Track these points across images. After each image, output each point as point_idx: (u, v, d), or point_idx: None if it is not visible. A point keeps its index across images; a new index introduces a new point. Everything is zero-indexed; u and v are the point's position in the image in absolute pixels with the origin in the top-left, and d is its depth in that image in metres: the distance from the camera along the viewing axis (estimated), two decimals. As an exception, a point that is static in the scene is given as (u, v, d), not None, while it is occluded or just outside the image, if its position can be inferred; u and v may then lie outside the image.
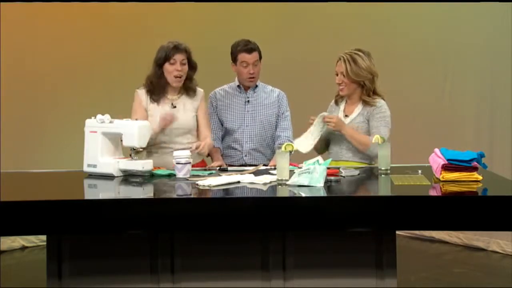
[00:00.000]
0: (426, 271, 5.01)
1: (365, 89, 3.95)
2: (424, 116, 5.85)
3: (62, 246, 3.23)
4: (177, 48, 3.90)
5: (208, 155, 4.30)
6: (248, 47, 4.30)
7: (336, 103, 4.11)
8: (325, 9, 6.01)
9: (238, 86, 4.39)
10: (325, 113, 3.91)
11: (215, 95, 4.42)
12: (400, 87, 5.89)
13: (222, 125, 4.38)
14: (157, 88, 3.97)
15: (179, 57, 3.90)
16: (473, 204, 2.94)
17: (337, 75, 3.96)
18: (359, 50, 3.96)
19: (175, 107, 3.98)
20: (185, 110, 4.00)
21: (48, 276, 3.24)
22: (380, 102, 3.95)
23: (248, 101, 4.36)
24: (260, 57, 4.33)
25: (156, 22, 6.08)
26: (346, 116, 4.00)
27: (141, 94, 4.02)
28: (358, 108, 3.96)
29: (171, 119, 3.88)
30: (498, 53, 5.45)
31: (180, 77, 3.93)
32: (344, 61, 3.91)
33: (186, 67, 3.94)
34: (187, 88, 4.01)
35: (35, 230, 3.29)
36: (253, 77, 4.31)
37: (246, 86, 4.37)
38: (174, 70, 3.91)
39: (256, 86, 4.39)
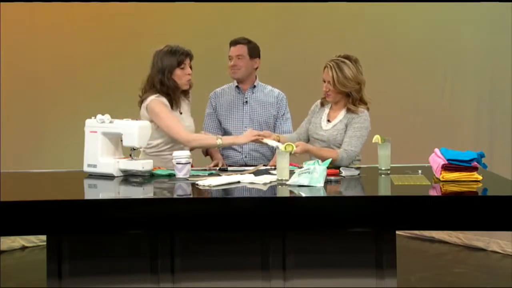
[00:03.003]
0: (426, 271, 5.01)
1: (351, 98, 3.87)
2: (424, 116, 5.85)
3: (62, 246, 3.23)
4: (187, 54, 3.90)
5: (207, 154, 4.29)
6: (233, 40, 4.33)
7: (322, 104, 4.06)
8: (325, 9, 6.00)
9: (237, 86, 4.38)
10: (279, 145, 3.60)
11: (215, 95, 4.42)
12: (400, 87, 5.90)
13: (221, 124, 4.38)
14: (175, 92, 3.91)
15: (188, 62, 3.91)
16: (473, 204, 2.94)
17: (324, 81, 3.89)
18: (346, 58, 3.85)
19: (181, 113, 3.98)
20: (187, 113, 4.02)
21: (48, 276, 3.24)
22: (363, 113, 3.87)
23: (247, 101, 4.35)
24: (251, 54, 4.30)
25: (156, 22, 6.08)
26: (329, 121, 3.94)
27: (165, 101, 3.88)
28: (341, 115, 3.90)
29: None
30: (498, 53, 5.45)
31: (190, 80, 3.94)
32: (331, 69, 3.82)
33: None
34: (186, 92, 4.01)
35: (35, 230, 3.30)
36: (235, 70, 4.29)
37: (234, 79, 4.34)
38: (185, 74, 3.90)
39: (254, 86, 4.38)
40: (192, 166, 3.99)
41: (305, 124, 4.08)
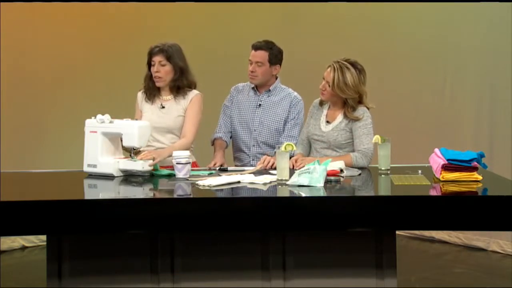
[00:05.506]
0: (426, 271, 5.01)
1: (347, 105, 3.83)
2: (424, 116, 5.85)
3: (62, 246, 3.23)
4: (153, 50, 3.98)
5: (213, 143, 4.31)
6: (255, 43, 4.25)
7: (321, 104, 4.01)
8: (325, 9, 6.00)
9: (253, 88, 4.33)
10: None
11: (236, 90, 4.39)
12: (400, 87, 5.89)
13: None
14: (149, 89, 4.05)
15: (156, 59, 3.96)
16: (473, 204, 2.94)
17: (323, 79, 3.84)
18: (352, 64, 3.79)
19: (163, 107, 4.01)
20: (171, 110, 4.02)
21: (48, 276, 3.24)
22: (361, 110, 3.84)
23: (260, 105, 4.29)
24: (272, 60, 4.21)
25: (156, 22, 6.08)
26: (328, 122, 3.91)
27: (139, 95, 4.13)
28: (340, 116, 3.87)
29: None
30: (498, 53, 5.45)
31: (159, 78, 3.97)
32: (334, 70, 3.77)
33: (165, 68, 3.96)
34: (172, 88, 4.02)
35: (35, 230, 3.30)
36: (253, 76, 4.25)
37: (255, 84, 4.30)
38: (153, 72, 3.98)
39: (269, 90, 4.30)
40: (196, 165, 4.01)
41: (305, 129, 4.06)
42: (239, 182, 3.36)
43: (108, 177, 3.56)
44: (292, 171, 3.41)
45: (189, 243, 3.24)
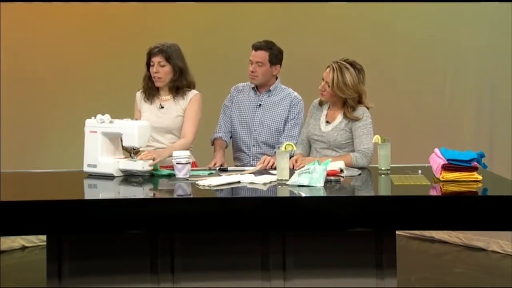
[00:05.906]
0: (426, 271, 5.01)
1: (347, 105, 3.83)
2: (424, 116, 5.85)
3: (62, 246, 3.23)
4: (152, 51, 3.99)
5: (213, 143, 4.31)
6: (255, 44, 4.25)
7: (320, 104, 4.01)
8: (325, 9, 6.00)
9: (253, 88, 4.33)
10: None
11: (236, 90, 4.39)
12: (400, 87, 5.90)
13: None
14: (148, 89, 4.06)
15: (156, 60, 3.96)
16: (473, 204, 2.94)
17: (322, 80, 3.84)
18: (351, 64, 3.79)
19: (162, 107, 4.02)
20: (170, 110, 4.02)
21: (48, 276, 3.24)
22: (361, 110, 3.84)
23: (260, 105, 4.29)
24: (272, 60, 4.21)
25: (156, 22, 6.08)
26: (328, 122, 3.91)
27: (138, 95, 4.14)
28: (340, 116, 3.87)
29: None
30: (498, 53, 5.45)
31: (159, 78, 3.98)
32: (333, 70, 3.77)
33: (165, 69, 3.97)
34: (171, 88, 4.02)
35: (35, 230, 3.30)
36: (253, 76, 4.26)
37: (255, 85, 4.30)
38: (152, 72, 3.99)
39: (269, 90, 4.30)
40: (196, 166, 4.00)
41: (305, 129, 4.06)
42: (239, 182, 3.36)
43: (108, 177, 3.56)
44: (292, 171, 3.41)
45: (189, 243, 3.24)
